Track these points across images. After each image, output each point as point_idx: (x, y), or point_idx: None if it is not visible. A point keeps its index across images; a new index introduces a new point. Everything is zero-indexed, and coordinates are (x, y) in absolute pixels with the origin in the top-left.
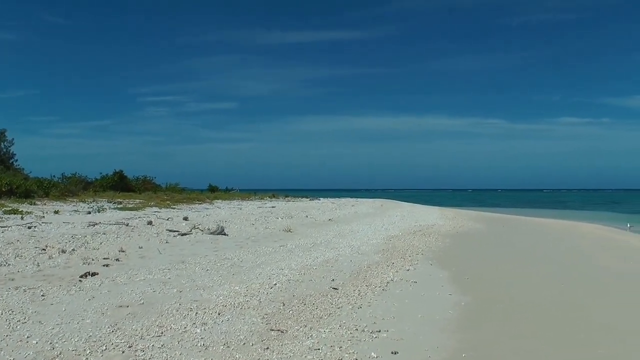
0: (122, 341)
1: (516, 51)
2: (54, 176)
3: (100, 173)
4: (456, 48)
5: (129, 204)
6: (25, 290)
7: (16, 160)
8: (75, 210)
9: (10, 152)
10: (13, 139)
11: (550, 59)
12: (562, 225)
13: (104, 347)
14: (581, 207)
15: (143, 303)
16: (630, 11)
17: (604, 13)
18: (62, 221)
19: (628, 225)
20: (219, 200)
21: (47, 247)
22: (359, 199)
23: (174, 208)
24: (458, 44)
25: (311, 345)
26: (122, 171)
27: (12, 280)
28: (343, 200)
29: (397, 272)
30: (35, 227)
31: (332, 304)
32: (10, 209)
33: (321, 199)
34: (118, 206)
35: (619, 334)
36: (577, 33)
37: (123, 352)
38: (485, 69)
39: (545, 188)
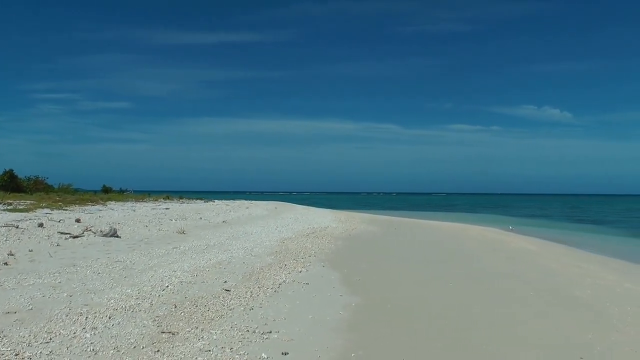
0: (8, 349)
1: (410, 59)
2: None
3: None
4: (352, 53)
5: (19, 205)
6: None
7: None
8: None
9: None
10: None
11: (443, 68)
12: (451, 227)
13: None
14: (470, 210)
15: (32, 309)
16: (519, 25)
17: (495, 26)
18: None
19: (510, 227)
20: (113, 202)
21: None
22: (253, 202)
23: (66, 209)
24: (353, 50)
25: (202, 346)
26: (12, 171)
27: None
28: (237, 202)
29: (289, 273)
30: None
31: (224, 305)
32: None
33: (216, 201)
34: (8, 207)
35: (503, 330)
36: (470, 44)
37: None
38: (379, 75)
39: (437, 192)
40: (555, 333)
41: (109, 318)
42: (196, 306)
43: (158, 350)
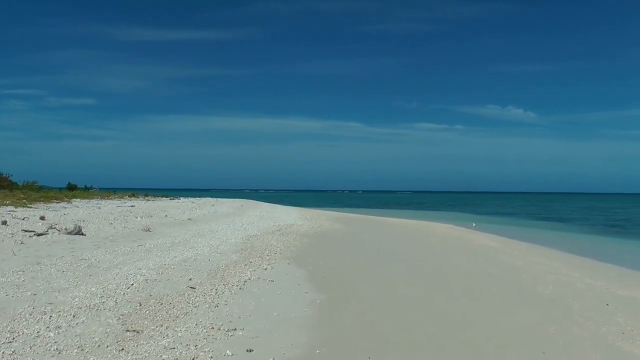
0: None
1: (376, 58)
2: None
3: None
4: (318, 52)
5: None
6: None
7: None
8: None
9: None
10: None
11: (408, 67)
12: (416, 225)
13: None
14: (435, 208)
15: None
16: (483, 26)
17: (459, 27)
18: None
19: (473, 225)
20: (78, 199)
21: None
22: (219, 199)
23: (30, 207)
24: (320, 48)
25: (167, 344)
26: None
27: None
28: (203, 199)
29: (254, 271)
30: None
31: (189, 302)
32: None
33: (181, 198)
34: None
35: (466, 326)
36: (434, 44)
37: None
38: (345, 73)
39: (403, 190)
40: (518, 328)
41: (73, 317)
42: (161, 304)
43: (122, 349)
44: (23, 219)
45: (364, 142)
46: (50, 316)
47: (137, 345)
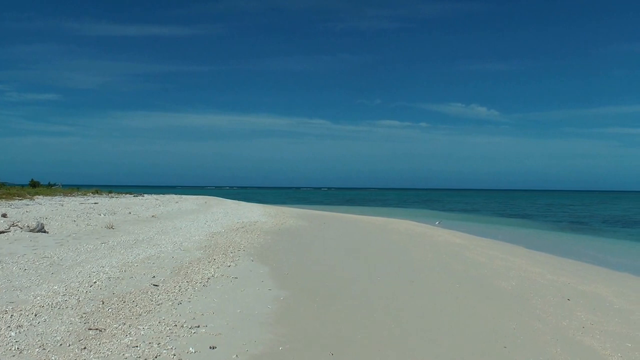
0: None
1: (341, 55)
2: None
3: None
4: (283, 49)
5: None
6: None
7: None
8: None
9: None
10: None
11: (373, 64)
12: (380, 222)
13: None
14: (399, 204)
15: None
16: (447, 24)
17: (423, 24)
18: None
19: (437, 223)
20: (40, 196)
21: None
22: (183, 196)
23: None
24: (285, 45)
25: (129, 342)
26: None
27: None
28: (167, 196)
29: (218, 268)
30: None
31: (152, 300)
32: None
33: (145, 195)
34: None
35: (429, 321)
36: (399, 41)
37: None
38: (310, 70)
39: (368, 187)
40: (480, 323)
41: (35, 315)
42: (124, 302)
43: (85, 348)
44: None
45: (330, 139)
46: (12, 315)
47: (99, 344)
